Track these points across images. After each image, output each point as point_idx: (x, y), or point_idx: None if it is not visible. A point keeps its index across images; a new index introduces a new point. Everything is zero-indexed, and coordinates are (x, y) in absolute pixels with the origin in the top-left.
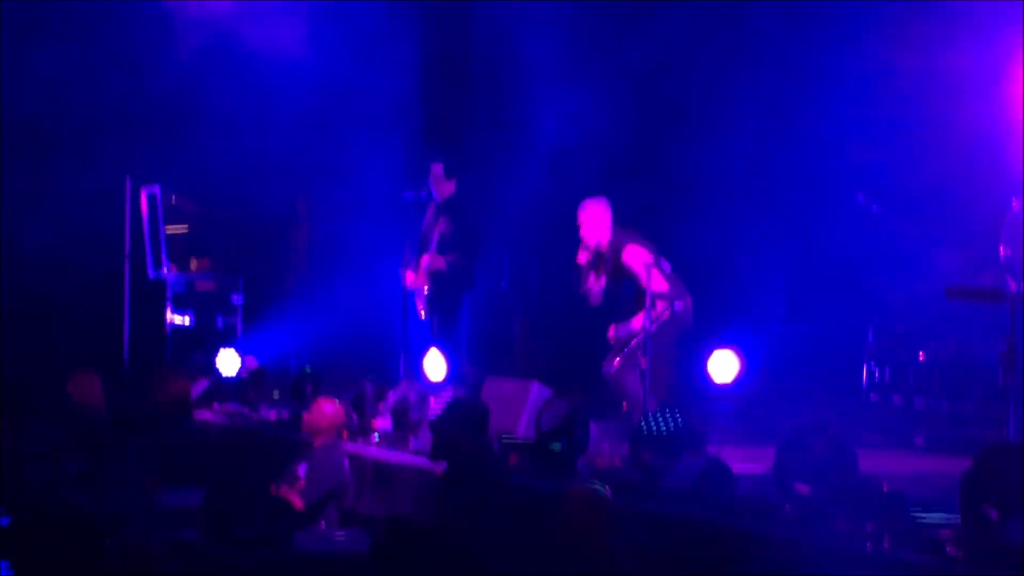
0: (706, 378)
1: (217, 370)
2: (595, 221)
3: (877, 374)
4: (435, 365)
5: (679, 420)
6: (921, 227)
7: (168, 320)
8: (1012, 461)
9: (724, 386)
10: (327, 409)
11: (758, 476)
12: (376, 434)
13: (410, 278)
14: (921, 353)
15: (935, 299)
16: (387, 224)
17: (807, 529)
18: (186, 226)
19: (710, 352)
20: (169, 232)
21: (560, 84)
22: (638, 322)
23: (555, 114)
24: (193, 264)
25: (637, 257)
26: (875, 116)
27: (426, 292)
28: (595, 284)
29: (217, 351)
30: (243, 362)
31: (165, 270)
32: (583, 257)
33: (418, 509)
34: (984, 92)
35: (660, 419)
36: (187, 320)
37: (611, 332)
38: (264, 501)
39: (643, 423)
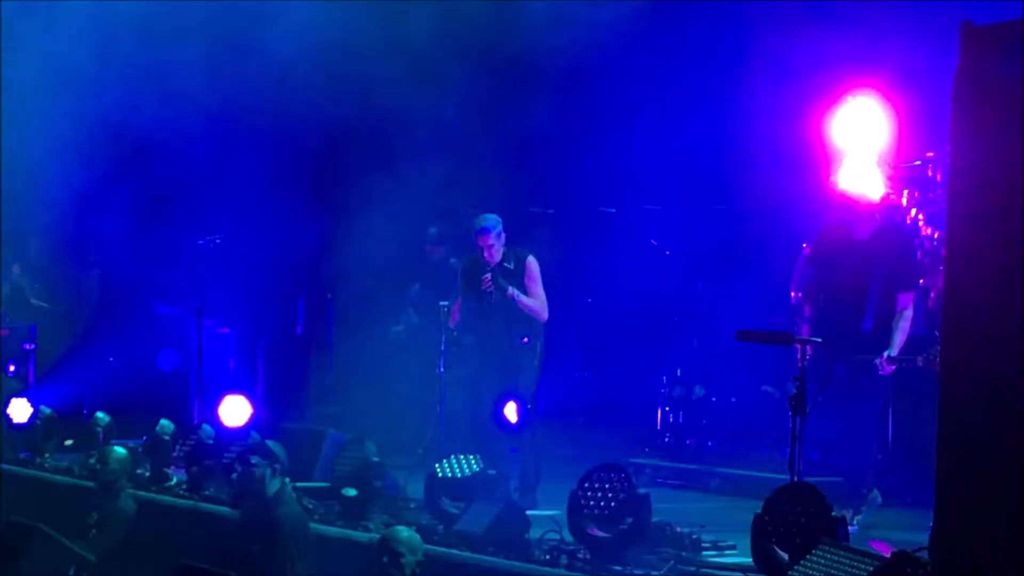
0: (502, 422)
1: (8, 418)
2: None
3: (671, 417)
4: (235, 410)
5: (475, 465)
6: (714, 272)
7: None
8: (801, 502)
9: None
10: (117, 456)
11: (553, 519)
12: (173, 480)
13: None
14: (713, 397)
15: (727, 343)
16: (181, 268)
17: (601, 572)
18: None
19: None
20: None
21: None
22: None
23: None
24: None
25: None
26: (669, 161)
27: None
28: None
29: (8, 399)
30: (35, 410)
31: None
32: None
33: (212, 556)
34: (776, 140)
35: (456, 464)
36: None
37: None
38: (56, 551)
39: (439, 468)
